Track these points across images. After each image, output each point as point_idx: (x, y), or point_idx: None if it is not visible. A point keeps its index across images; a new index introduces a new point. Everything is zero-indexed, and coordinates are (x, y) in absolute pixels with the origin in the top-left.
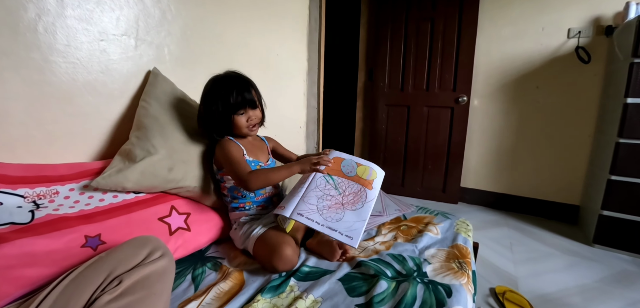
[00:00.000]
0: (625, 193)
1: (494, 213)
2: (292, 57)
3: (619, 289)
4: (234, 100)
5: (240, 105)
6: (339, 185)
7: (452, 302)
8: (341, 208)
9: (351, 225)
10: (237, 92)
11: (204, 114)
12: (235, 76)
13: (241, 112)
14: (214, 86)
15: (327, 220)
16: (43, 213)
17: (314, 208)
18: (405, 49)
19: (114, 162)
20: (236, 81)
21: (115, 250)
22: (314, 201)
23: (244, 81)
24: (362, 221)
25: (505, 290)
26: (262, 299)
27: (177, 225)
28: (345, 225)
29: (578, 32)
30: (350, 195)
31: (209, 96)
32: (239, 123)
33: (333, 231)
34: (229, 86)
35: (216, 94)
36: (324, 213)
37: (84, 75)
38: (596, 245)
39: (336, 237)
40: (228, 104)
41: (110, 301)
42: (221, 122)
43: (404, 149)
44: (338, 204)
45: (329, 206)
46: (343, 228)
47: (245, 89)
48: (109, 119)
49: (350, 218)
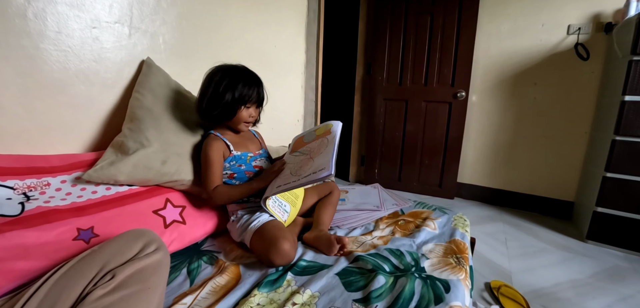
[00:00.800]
0: (620, 190)
1: (489, 209)
2: (290, 50)
3: (611, 284)
4: (247, 93)
5: (251, 99)
6: (304, 152)
7: (450, 297)
8: (311, 162)
9: (321, 162)
10: (251, 86)
11: (212, 97)
12: (252, 71)
13: (248, 106)
14: (229, 73)
15: (301, 176)
16: (33, 205)
17: (288, 175)
18: (404, 43)
19: (106, 154)
20: (253, 78)
21: (108, 243)
22: (288, 173)
23: (257, 78)
24: (330, 153)
25: (500, 285)
26: (258, 294)
27: (172, 218)
28: (317, 165)
29: (578, 28)
30: (316, 149)
31: (220, 81)
32: (242, 115)
33: (308, 177)
34: (245, 80)
35: (234, 82)
36: (297, 173)
37: (76, 64)
38: (589, 241)
39: (315, 180)
40: (241, 94)
41: (103, 295)
42: (227, 109)
43: (402, 144)
44: (308, 160)
45: (301, 167)
46: (316, 168)
47: (259, 86)
48: (102, 109)
49: (319, 160)
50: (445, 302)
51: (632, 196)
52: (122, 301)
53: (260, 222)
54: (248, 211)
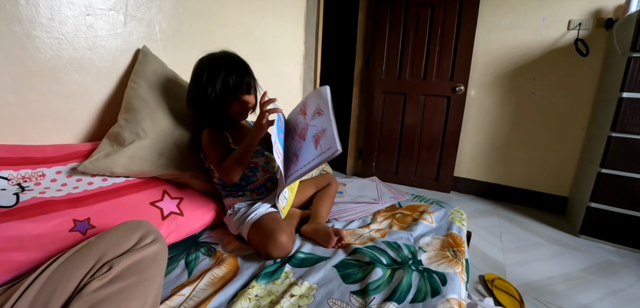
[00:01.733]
0: (614, 186)
1: (485, 203)
2: (289, 40)
3: (602, 278)
4: (233, 83)
5: (239, 90)
6: (290, 123)
7: (447, 290)
8: (310, 142)
9: (325, 142)
10: (237, 76)
11: (195, 94)
12: (234, 57)
13: (237, 98)
14: (211, 65)
15: (308, 161)
16: (28, 196)
17: (293, 163)
18: (404, 35)
19: (101, 145)
20: (236, 64)
21: (105, 234)
22: (293, 159)
23: (244, 65)
24: (331, 129)
25: (494, 278)
26: (257, 285)
27: (170, 210)
28: (322, 146)
29: (578, 24)
30: (310, 125)
31: (204, 75)
32: (234, 109)
33: (315, 161)
34: (228, 68)
35: (214, 74)
36: (301, 158)
37: (69, 52)
38: (582, 235)
39: (322, 161)
40: (227, 87)
41: (100, 287)
42: (215, 105)
43: (399, 138)
44: (302, 137)
45: (300, 148)
46: (321, 149)
47: (246, 73)
48: (96, 98)
49: (322, 140)
50: (442, 295)
51: (625, 192)
52: (120, 293)
53: (258, 215)
54: (245, 204)
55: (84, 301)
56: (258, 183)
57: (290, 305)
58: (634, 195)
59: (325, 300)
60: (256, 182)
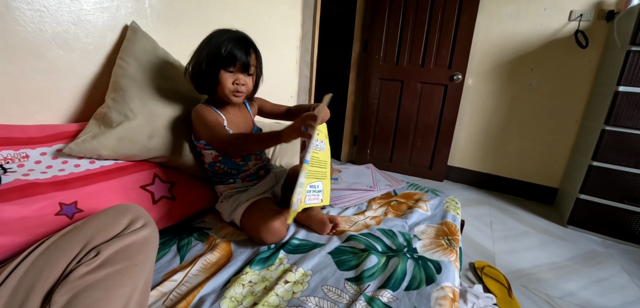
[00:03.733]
0: (604, 178)
1: (477, 192)
2: (285, 22)
3: (586, 267)
4: (225, 53)
5: (229, 62)
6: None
7: (441, 278)
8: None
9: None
10: (232, 48)
11: (193, 58)
12: (241, 34)
13: (230, 70)
14: (216, 34)
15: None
16: (11, 178)
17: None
18: (403, 21)
19: (88, 126)
20: (238, 39)
21: (92, 218)
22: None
23: (244, 40)
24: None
25: (484, 265)
26: (250, 271)
27: (161, 194)
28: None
29: (579, 15)
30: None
31: (206, 41)
32: (224, 81)
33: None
34: (228, 39)
35: (212, 41)
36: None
37: (52, 26)
38: (570, 226)
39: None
40: (219, 55)
41: (87, 273)
42: (206, 74)
43: (395, 125)
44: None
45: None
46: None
47: (242, 47)
48: (83, 76)
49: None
50: (436, 283)
51: (614, 185)
52: (108, 278)
53: (250, 201)
54: (237, 191)
55: (70, 287)
56: (250, 171)
57: (284, 292)
58: (623, 188)
59: (320, 287)
60: (248, 171)
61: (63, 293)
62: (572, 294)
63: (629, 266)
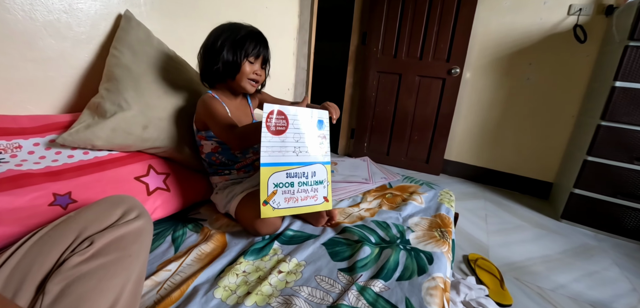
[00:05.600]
0: (598, 173)
1: (472, 186)
2: (283, 12)
3: (578, 261)
4: (251, 45)
5: (254, 53)
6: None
7: (433, 268)
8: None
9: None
10: (257, 43)
11: (211, 50)
12: (257, 29)
13: (251, 61)
14: (232, 29)
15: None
16: (4, 169)
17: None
18: (402, 13)
19: (82, 117)
20: (258, 34)
21: (85, 209)
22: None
23: (264, 37)
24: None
25: (478, 258)
26: (244, 261)
27: (156, 185)
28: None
29: (579, 9)
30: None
31: (224, 34)
32: (246, 69)
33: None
34: (250, 35)
35: (234, 35)
36: None
37: (43, 14)
38: (563, 220)
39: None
40: (243, 46)
41: (80, 262)
42: (229, 63)
43: (392, 119)
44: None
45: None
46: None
47: (264, 42)
48: (76, 67)
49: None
50: (428, 273)
51: (608, 180)
52: (101, 268)
53: (245, 192)
54: (232, 182)
55: (63, 276)
56: (246, 162)
57: (278, 281)
58: (616, 183)
59: (313, 277)
60: (244, 162)
61: (56, 283)
62: (563, 286)
63: (620, 259)
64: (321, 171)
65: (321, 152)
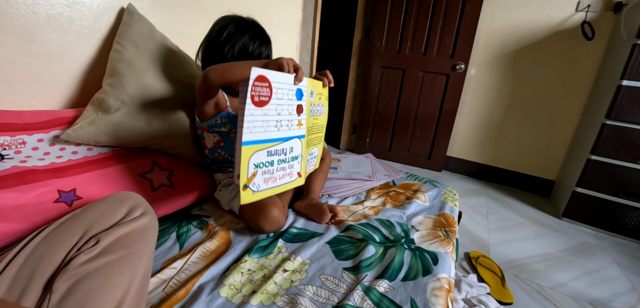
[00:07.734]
0: (601, 172)
1: (474, 183)
2: (286, 5)
3: (579, 259)
4: (252, 51)
5: (255, 54)
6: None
7: (438, 269)
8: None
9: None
10: (259, 44)
11: (210, 49)
12: (260, 26)
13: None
14: (234, 25)
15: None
16: (8, 165)
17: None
18: (406, 7)
19: (85, 112)
20: (260, 33)
21: (90, 207)
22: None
23: (267, 37)
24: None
25: (479, 256)
26: (249, 259)
27: (160, 182)
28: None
29: (587, 5)
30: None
31: (224, 33)
32: None
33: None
34: (251, 34)
35: (235, 35)
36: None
37: (46, 8)
38: (565, 218)
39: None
40: (245, 52)
41: (87, 261)
42: (236, 58)
43: (395, 114)
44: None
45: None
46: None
47: (267, 45)
48: (79, 61)
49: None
50: (433, 274)
51: (611, 179)
52: (108, 266)
53: None
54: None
55: (71, 275)
56: None
57: (282, 280)
58: (619, 182)
59: (318, 276)
60: None
61: (64, 281)
62: (563, 285)
63: (620, 258)
64: (297, 145)
65: (299, 125)
